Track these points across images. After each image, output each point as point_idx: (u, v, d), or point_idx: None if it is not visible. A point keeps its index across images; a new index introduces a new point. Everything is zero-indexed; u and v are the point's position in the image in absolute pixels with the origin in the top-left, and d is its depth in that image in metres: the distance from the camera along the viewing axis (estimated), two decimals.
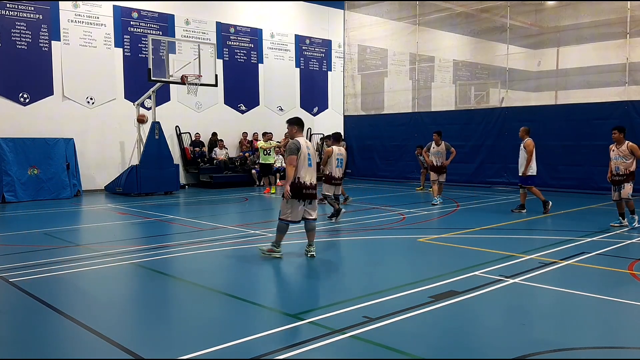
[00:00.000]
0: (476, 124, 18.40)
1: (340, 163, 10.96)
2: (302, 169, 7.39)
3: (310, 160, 7.50)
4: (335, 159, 10.89)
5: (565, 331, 4.78)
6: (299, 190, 7.37)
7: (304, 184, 7.40)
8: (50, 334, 4.80)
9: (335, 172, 10.91)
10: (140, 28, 18.37)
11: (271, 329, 4.74)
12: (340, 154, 11.03)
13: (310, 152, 7.55)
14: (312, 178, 7.50)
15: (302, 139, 7.58)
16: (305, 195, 7.45)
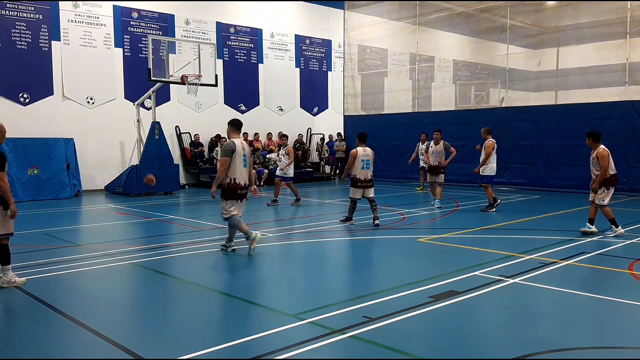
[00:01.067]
0: (476, 124, 18.36)
1: (366, 164, 10.28)
2: (237, 170, 7.65)
3: (245, 161, 7.78)
4: (360, 161, 10.23)
5: (565, 331, 4.78)
6: (234, 190, 7.67)
7: (239, 185, 7.69)
8: (50, 334, 4.80)
9: (361, 175, 10.22)
10: (140, 28, 18.37)
11: (271, 329, 4.74)
12: (365, 155, 10.30)
13: (245, 153, 7.83)
14: (246, 179, 7.82)
15: (238, 140, 7.80)
16: (240, 195, 7.76)
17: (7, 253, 6.19)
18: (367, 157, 10.33)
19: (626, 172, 15.13)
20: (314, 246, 8.86)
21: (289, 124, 22.52)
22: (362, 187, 10.29)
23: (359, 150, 10.32)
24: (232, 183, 7.64)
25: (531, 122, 17.10)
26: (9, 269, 6.18)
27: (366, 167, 10.29)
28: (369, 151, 10.45)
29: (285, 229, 10.09)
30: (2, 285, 6.07)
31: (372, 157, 10.42)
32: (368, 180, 10.30)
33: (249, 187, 7.97)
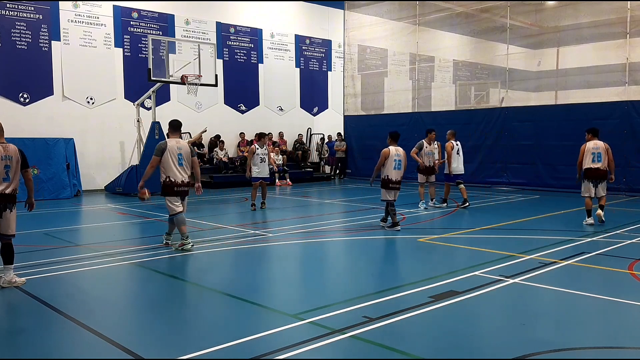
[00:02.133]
0: (476, 124, 18.40)
1: (398, 165, 9.75)
2: (172, 168, 8.09)
3: (180, 160, 8.16)
4: (392, 160, 9.74)
5: (565, 331, 4.78)
6: (171, 188, 8.11)
7: (175, 182, 8.09)
8: (50, 334, 4.80)
9: (393, 175, 9.73)
10: (140, 28, 18.37)
11: (271, 329, 4.74)
12: (398, 155, 9.78)
13: (182, 152, 8.18)
14: (184, 177, 8.19)
15: (173, 140, 8.22)
16: (177, 192, 8.15)
17: (11, 252, 6.20)
18: (400, 157, 9.80)
19: (626, 172, 15.14)
20: (314, 246, 8.86)
21: (289, 124, 22.53)
22: (394, 189, 9.77)
23: (391, 149, 9.78)
24: (167, 181, 8.08)
25: (531, 122, 17.10)
26: (11, 269, 6.18)
27: (398, 168, 9.77)
28: (402, 151, 9.86)
29: (285, 229, 10.09)
30: (2, 285, 6.07)
31: (404, 157, 9.87)
32: (399, 182, 9.80)
33: (190, 185, 8.36)
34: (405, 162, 9.89)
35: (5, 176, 6.04)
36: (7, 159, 6.06)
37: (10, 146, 6.13)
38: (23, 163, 6.20)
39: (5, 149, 6.08)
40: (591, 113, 15.59)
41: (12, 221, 6.15)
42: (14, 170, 6.09)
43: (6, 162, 6.04)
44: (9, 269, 6.15)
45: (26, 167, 6.25)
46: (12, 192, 6.09)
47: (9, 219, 6.10)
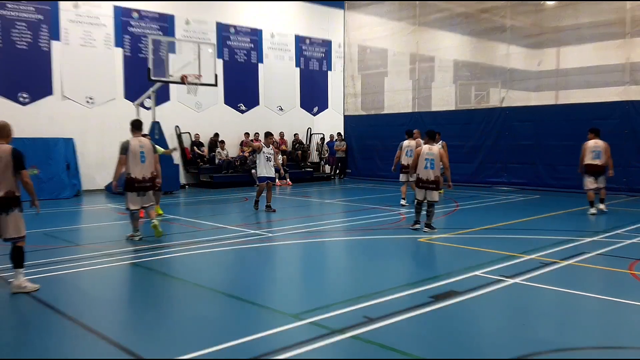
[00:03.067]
0: (476, 124, 18.39)
1: (430, 164, 9.50)
2: (133, 166, 8.60)
3: (143, 158, 8.68)
4: (424, 159, 9.55)
5: (565, 331, 4.78)
6: (132, 184, 8.62)
7: (136, 179, 8.63)
8: (50, 333, 4.80)
9: (423, 174, 9.55)
10: (140, 28, 18.37)
11: (271, 329, 4.74)
12: (430, 154, 9.54)
13: (143, 150, 8.73)
14: (145, 173, 8.71)
15: (135, 139, 8.74)
16: (137, 188, 8.67)
17: (19, 256, 5.94)
18: (432, 156, 9.53)
19: (626, 172, 15.13)
20: (314, 246, 8.86)
21: (289, 123, 22.53)
22: (424, 188, 9.56)
23: (424, 148, 9.65)
24: (128, 177, 8.63)
25: (531, 122, 17.09)
26: (21, 273, 5.91)
27: (430, 167, 9.50)
28: (435, 150, 9.60)
29: (286, 229, 10.09)
30: (13, 290, 5.82)
31: (438, 156, 9.52)
32: (431, 181, 9.49)
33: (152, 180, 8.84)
34: (438, 161, 9.52)
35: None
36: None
37: (2, 147, 5.93)
38: (16, 164, 5.87)
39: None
40: (591, 113, 15.58)
41: (13, 224, 5.87)
42: (2, 172, 5.80)
43: None
44: (18, 273, 5.89)
45: (20, 168, 5.90)
46: (5, 194, 5.80)
47: (7, 222, 5.84)
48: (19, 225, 5.93)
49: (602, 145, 11.17)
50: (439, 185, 9.62)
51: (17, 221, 5.92)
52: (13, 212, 5.89)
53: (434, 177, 9.50)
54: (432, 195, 9.53)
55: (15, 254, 5.95)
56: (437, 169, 9.54)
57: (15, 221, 5.90)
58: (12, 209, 5.88)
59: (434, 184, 9.51)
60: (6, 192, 5.83)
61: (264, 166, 12.10)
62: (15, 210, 5.91)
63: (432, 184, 9.50)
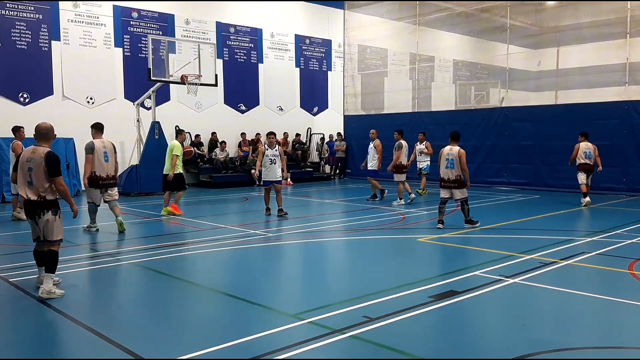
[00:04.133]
0: (476, 124, 18.39)
1: (450, 164, 9.80)
2: (97, 164, 9.49)
3: (106, 157, 9.62)
4: (444, 159, 9.89)
5: (565, 331, 4.78)
6: (96, 181, 9.52)
7: (100, 177, 9.54)
8: (50, 333, 4.80)
9: (444, 174, 9.88)
10: (140, 28, 18.37)
11: (271, 329, 4.74)
12: (450, 154, 9.82)
13: (106, 150, 9.67)
14: (109, 171, 9.64)
15: (98, 140, 9.74)
16: (102, 185, 9.60)
17: (53, 260, 5.79)
18: (452, 156, 9.81)
19: (626, 172, 15.14)
20: (314, 246, 8.86)
21: (289, 123, 22.52)
22: (447, 187, 9.90)
23: (445, 149, 9.98)
24: (93, 175, 9.50)
25: (531, 122, 17.09)
26: (50, 278, 5.73)
27: (450, 167, 9.80)
28: (455, 150, 9.82)
29: (285, 229, 10.09)
30: (41, 295, 5.61)
31: (457, 156, 9.76)
32: (452, 181, 9.81)
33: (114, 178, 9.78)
34: (457, 162, 9.75)
35: (29, 180, 5.71)
36: (31, 161, 5.71)
37: (39, 149, 5.75)
38: (50, 170, 5.66)
39: (34, 151, 5.75)
40: (591, 113, 15.59)
41: (48, 227, 5.73)
42: (35, 175, 5.67)
43: (29, 165, 5.70)
44: (48, 277, 5.72)
45: (54, 175, 5.69)
46: (38, 199, 5.68)
47: (42, 225, 5.71)
48: (53, 229, 5.76)
49: (591, 147, 13.01)
50: (461, 184, 9.87)
51: (50, 225, 5.75)
52: (45, 216, 5.72)
53: (455, 177, 9.82)
54: (456, 194, 9.90)
55: (48, 257, 5.78)
56: (457, 169, 9.82)
57: (51, 224, 5.75)
58: (45, 212, 5.72)
59: (456, 182, 9.83)
60: (38, 197, 5.69)
61: (269, 169, 11.53)
62: (48, 213, 5.73)
63: (454, 182, 9.84)
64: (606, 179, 15.26)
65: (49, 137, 5.93)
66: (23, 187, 5.79)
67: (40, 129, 5.92)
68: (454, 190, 9.89)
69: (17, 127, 11.54)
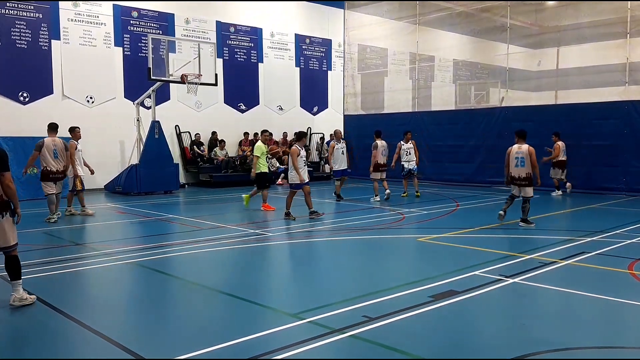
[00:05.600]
0: (476, 124, 18.38)
1: (520, 162, 9.94)
2: (48, 160, 10.89)
3: (55, 154, 10.97)
4: (514, 158, 10.05)
5: (565, 331, 4.78)
6: (47, 175, 10.88)
7: (50, 170, 10.91)
8: (50, 333, 4.80)
9: (514, 172, 10.07)
10: (140, 27, 18.36)
11: (271, 328, 4.73)
12: (520, 152, 9.95)
13: (56, 149, 11.01)
14: (58, 166, 10.99)
15: (49, 138, 11.10)
16: (52, 178, 10.90)
17: (17, 266, 5.40)
18: (522, 154, 9.93)
19: (626, 172, 15.13)
20: (313, 246, 8.86)
21: (289, 123, 22.51)
22: (517, 185, 10.11)
23: (514, 147, 10.16)
24: (45, 170, 10.90)
25: (531, 122, 17.06)
26: (19, 284, 5.39)
27: (520, 165, 9.96)
28: (525, 148, 9.95)
29: (285, 228, 10.09)
30: (14, 303, 5.34)
31: (527, 154, 9.85)
32: (523, 179, 9.96)
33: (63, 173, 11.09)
34: (528, 159, 9.89)
35: None
36: None
37: None
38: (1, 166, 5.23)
39: None
40: (591, 113, 15.59)
41: (5, 231, 5.31)
42: None
43: None
44: (16, 284, 5.38)
45: (3, 169, 5.22)
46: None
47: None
48: (9, 234, 5.34)
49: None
50: (531, 182, 9.97)
51: (5, 228, 5.31)
52: (5, 218, 5.32)
53: (526, 174, 9.93)
54: (526, 192, 10.01)
55: (9, 263, 5.39)
56: (528, 166, 9.89)
57: (4, 229, 5.31)
58: (3, 215, 5.31)
59: (526, 180, 9.95)
60: None
61: (304, 171, 11.08)
62: (7, 215, 5.33)
63: (525, 180, 9.97)
64: (606, 179, 15.27)
65: None
66: None
67: None
68: (524, 188, 10.01)
69: (73, 128, 12.10)
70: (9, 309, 5.41)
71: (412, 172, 14.77)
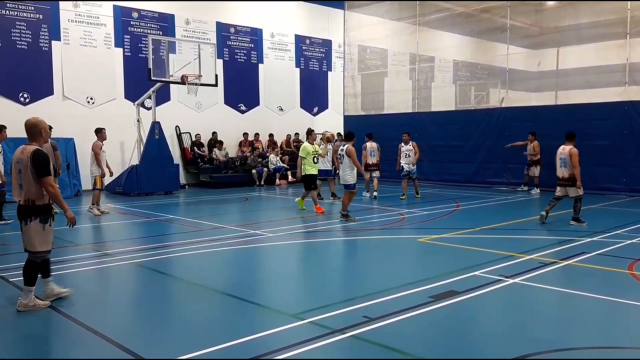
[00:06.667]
0: (476, 124, 18.39)
1: (562, 163, 10.29)
2: None
3: None
4: (558, 159, 10.39)
5: (565, 331, 4.78)
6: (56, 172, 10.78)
7: None
8: (50, 333, 4.80)
9: (558, 172, 10.38)
10: (140, 28, 18.37)
11: (271, 329, 4.74)
12: (563, 153, 10.37)
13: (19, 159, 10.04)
14: None
15: None
16: None
17: (32, 272, 5.39)
18: (564, 155, 10.24)
19: (626, 172, 15.13)
20: (313, 246, 8.86)
21: (289, 124, 22.52)
22: (561, 185, 10.29)
23: (560, 148, 10.49)
24: None
25: (531, 122, 17.08)
26: (30, 291, 5.37)
27: (563, 166, 10.23)
28: (567, 150, 10.26)
29: (285, 228, 10.09)
30: (18, 307, 5.30)
31: (568, 155, 10.14)
32: (566, 179, 10.17)
33: None
34: (569, 160, 10.10)
35: (21, 182, 5.27)
36: (20, 162, 5.27)
37: (27, 148, 5.28)
38: (37, 169, 5.17)
39: (22, 150, 5.30)
40: (591, 113, 15.58)
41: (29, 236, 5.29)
42: (23, 177, 5.24)
43: (19, 167, 5.27)
44: (26, 290, 5.35)
45: (42, 175, 5.20)
46: (25, 203, 5.24)
47: (25, 234, 5.33)
48: (33, 239, 5.29)
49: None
50: (575, 182, 10.09)
51: (33, 234, 5.30)
52: (32, 223, 5.28)
53: (569, 175, 10.10)
54: (571, 191, 10.13)
55: (25, 268, 5.39)
56: (570, 168, 10.09)
57: (32, 233, 5.29)
58: (32, 219, 5.26)
59: (569, 180, 10.11)
60: (25, 200, 5.27)
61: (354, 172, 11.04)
62: (36, 220, 5.28)
63: (567, 181, 10.13)
64: (606, 179, 15.26)
65: (35, 133, 5.37)
66: (15, 190, 5.36)
67: (25, 126, 5.42)
68: (568, 188, 10.15)
69: (99, 129, 12.36)
70: (7, 311, 5.42)
71: (410, 174, 14.60)
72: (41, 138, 5.43)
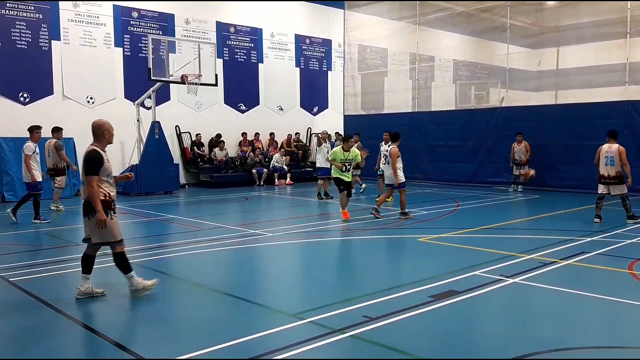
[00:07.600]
0: (476, 124, 18.39)
1: (610, 161, 10.25)
2: None
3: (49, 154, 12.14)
4: (604, 157, 10.36)
5: (565, 331, 4.78)
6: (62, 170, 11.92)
7: None
8: (50, 333, 4.80)
9: (603, 171, 10.37)
10: (140, 28, 18.37)
11: (271, 328, 4.74)
12: (610, 152, 10.29)
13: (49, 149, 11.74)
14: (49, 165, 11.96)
15: None
16: None
17: (120, 262, 5.71)
18: (611, 153, 10.21)
19: None
20: (313, 246, 8.86)
21: (289, 123, 22.52)
22: (605, 184, 10.27)
23: (604, 147, 10.41)
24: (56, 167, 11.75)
25: (531, 122, 17.09)
26: (86, 278, 5.73)
27: (609, 164, 10.21)
28: (614, 148, 10.25)
29: (285, 228, 10.09)
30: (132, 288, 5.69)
31: (617, 153, 10.15)
32: (612, 177, 10.19)
33: None
34: (617, 158, 10.10)
35: (83, 179, 5.64)
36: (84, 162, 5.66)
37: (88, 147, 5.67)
38: (85, 167, 5.57)
39: None
40: (591, 113, 15.58)
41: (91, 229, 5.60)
42: (82, 175, 5.67)
43: None
44: (131, 277, 5.72)
45: (88, 173, 5.55)
46: (86, 199, 5.58)
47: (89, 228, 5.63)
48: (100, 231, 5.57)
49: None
50: (621, 180, 10.16)
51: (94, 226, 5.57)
52: (94, 218, 5.54)
53: (615, 173, 10.14)
54: (616, 190, 10.17)
55: (115, 260, 5.73)
56: (617, 165, 10.12)
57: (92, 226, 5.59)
58: (93, 214, 5.54)
59: (616, 179, 10.15)
60: (87, 197, 5.57)
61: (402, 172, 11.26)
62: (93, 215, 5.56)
63: (614, 179, 10.16)
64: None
65: (98, 134, 5.73)
66: (82, 187, 5.85)
67: (91, 126, 5.79)
68: (612, 186, 10.18)
69: None
70: (7, 311, 5.41)
71: None
72: (104, 139, 5.75)
